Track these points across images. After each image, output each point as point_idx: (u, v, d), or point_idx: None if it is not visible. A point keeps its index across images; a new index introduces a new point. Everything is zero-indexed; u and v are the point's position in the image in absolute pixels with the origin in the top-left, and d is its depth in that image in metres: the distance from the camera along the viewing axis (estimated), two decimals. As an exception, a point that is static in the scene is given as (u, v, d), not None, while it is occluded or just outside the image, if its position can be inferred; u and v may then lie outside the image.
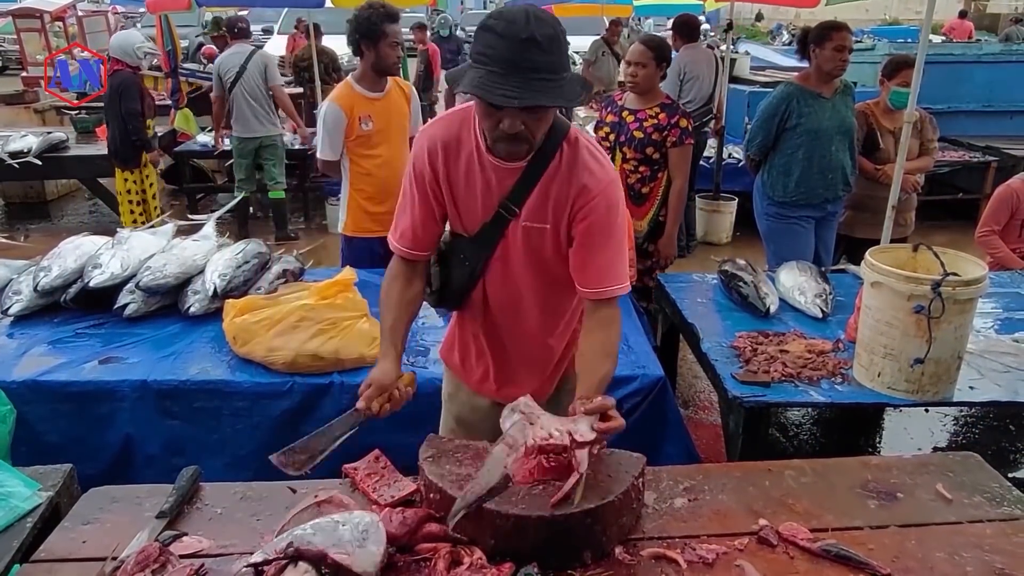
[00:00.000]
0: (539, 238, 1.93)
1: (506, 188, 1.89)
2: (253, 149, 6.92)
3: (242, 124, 6.81)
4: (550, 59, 1.64)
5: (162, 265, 3.20)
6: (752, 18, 26.40)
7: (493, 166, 1.88)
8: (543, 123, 1.77)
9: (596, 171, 1.88)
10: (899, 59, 4.36)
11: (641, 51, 3.96)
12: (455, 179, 1.93)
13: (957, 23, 19.10)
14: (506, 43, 1.61)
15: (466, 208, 1.96)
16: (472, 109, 1.89)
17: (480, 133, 1.86)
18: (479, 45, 1.66)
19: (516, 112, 1.68)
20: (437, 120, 1.99)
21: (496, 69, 1.62)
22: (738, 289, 3.34)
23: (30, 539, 1.67)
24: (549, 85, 1.64)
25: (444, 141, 1.92)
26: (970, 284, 2.39)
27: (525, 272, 1.99)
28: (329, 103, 3.75)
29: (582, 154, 1.88)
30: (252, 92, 6.71)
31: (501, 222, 1.92)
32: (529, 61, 1.61)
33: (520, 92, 1.61)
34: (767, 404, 2.63)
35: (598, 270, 1.89)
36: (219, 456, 2.74)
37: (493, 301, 2.08)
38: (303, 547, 1.45)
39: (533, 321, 2.09)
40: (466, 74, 1.68)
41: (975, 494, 1.85)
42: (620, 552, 1.61)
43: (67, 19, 13.58)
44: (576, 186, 1.86)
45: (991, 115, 8.56)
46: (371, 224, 3.85)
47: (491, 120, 1.73)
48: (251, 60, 6.74)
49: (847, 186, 4.21)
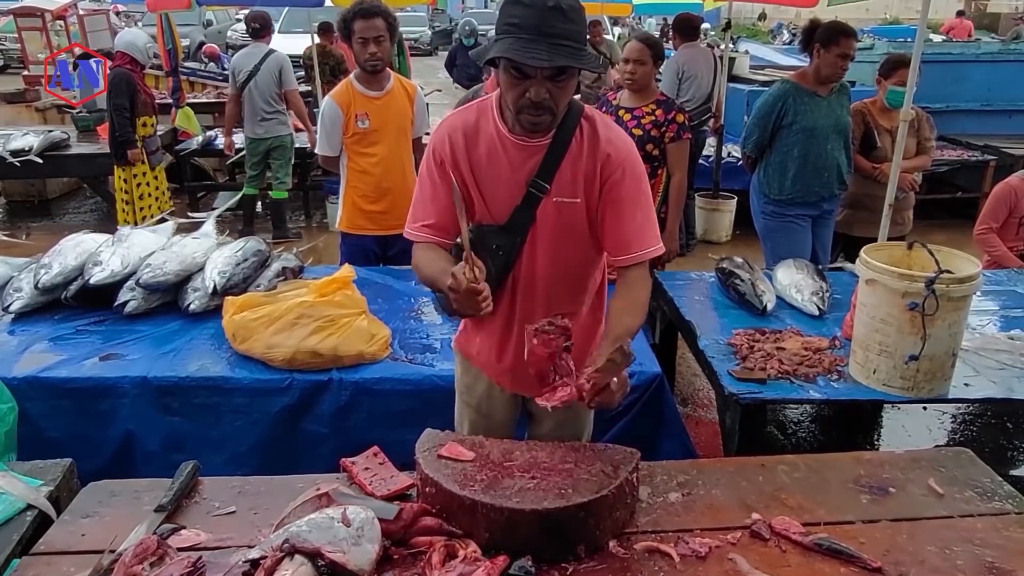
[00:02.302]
0: (571, 213, 1.97)
1: (532, 166, 1.92)
2: (264, 150, 6.88)
3: (253, 124, 6.77)
4: (574, 28, 1.74)
5: (162, 262, 3.21)
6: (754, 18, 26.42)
7: (516, 145, 1.91)
8: (566, 93, 1.83)
9: (616, 141, 1.95)
10: (896, 58, 4.38)
11: (640, 48, 3.97)
12: (477, 164, 1.96)
13: (956, 22, 19.12)
14: (533, 11, 1.71)
15: (492, 194, 1.98)
16: (488, 101, 1.96)
17: (498, 115, 1.92)
18: (505, 17, 1.76)
19: (542, 80, 1.76)
20: (453, 112, 2.04)
21: (524, 36, 1.71)
22: (735, 287, 3.36)
23: (30, 532, 1.68)
24: (573, 51, 1.73)
25: (463, 128, 1.96)
26: (964, 281, 2.40)
27: (555, 254, 2.01)
28: (328, 100, 3.79)
29: (600, 127, 1.96)
30: (264, 93, 6.67)
31: (532, 202, 1.95)
32: (555, 27, 1.71)
33: (550, 55, 1.70)
34: (763, 401, 2.64)
35: (629, 235, 1.94)
36: (219, 452, 2.76)
37: (521, 288, 2.08)
38: (299, 544, 1.46)
39: (560, 306, 2.09)
40: (493, 45, 1.77)
41: (966, 489, 1.86)
42: (614, 545, 1.63)
43: (68, 18, 13.58)
44: (601, 157, 1.93)
45: (990, 114, 8.56)
46: (365, 222, 3.88)
47: (517, 89, 1.79)
48: (266, 61, 6.68)
49: (843, 185, 4.23)
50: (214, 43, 14.69)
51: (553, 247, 2.00)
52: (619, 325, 1.90)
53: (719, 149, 7.20)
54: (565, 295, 2.09)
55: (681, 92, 6.36)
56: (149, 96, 6.27)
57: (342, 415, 2.80)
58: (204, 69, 11.43)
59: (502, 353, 2.18)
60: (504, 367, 2.20)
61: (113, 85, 6.05)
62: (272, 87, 6.70)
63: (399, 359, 2.92)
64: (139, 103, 6.10)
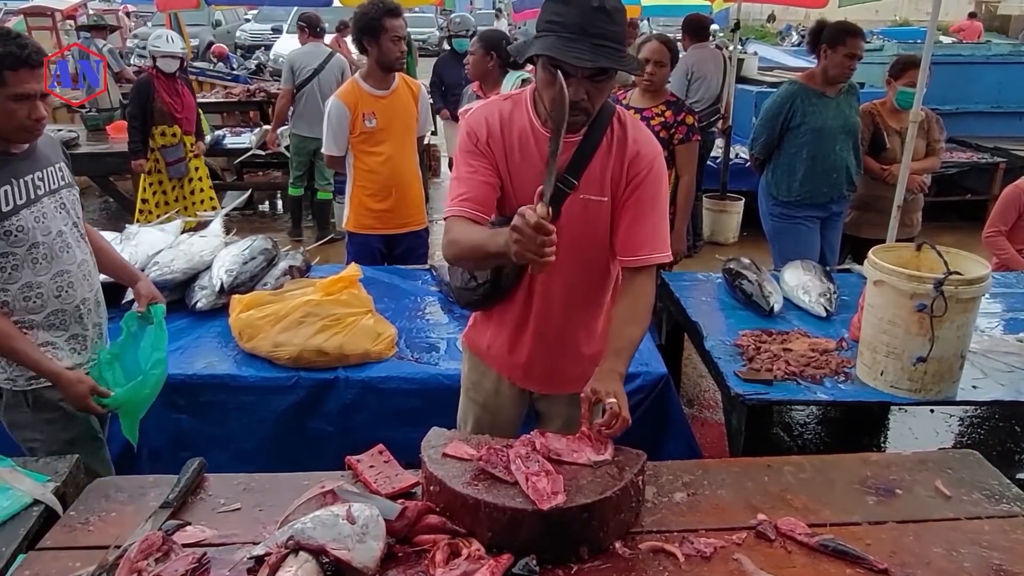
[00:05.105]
0: (596, 211, 1.97)
1: (562, 163, 1.91)
2: (312, 149, 6.72)
3: (307, 123, 6.62)
4: (616, 29, 1.74)
5: (169, 261, 3.23)
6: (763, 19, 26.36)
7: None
8: (602, 94, 1.83)
9: (647, 141, 1.97)
10: (906, 59, 4.36)
11: (660, 49, 3.96)
12: (510, 153, 1.96)
13: (966, 24, 19.02)
14: (577, 10, 1.71)
15: (520, 185, 1.97)
16: (523, 94, 1.96)
17: (532, 109, 1.92)
18: (547, 14, 1.75)
19: (581, 80, 1.76)
20: (484, 103, 2.04)
21: (566, 34, 1.71)
22: (742, 288, 3.35)
23: (36, 527, 1.69)
24: (614, 53, 1.73)
25: (499, 116, 1.96)
26: (972, 283, 2.39)
27: (577, 251, 1.99)
28: (334, 99, 3.79)
29: (630, 128, 1.97)
30: (325, 94, 6.45)
31: (559, 196, 1.94)
32: (598, 28, 1.71)
33: (592, 56, 1.70)
34: (770, 402, 2.63)
35: (640, 237, 1.93)
36: (225, 450, 2.76)
37: (540, 285, 2.07)
38: (303, 541, 1.46)
39: (577, 308, 2.11)
40: (533, 42, 1.77)
41: (974, 491, 1.85)
42: (619, 546, 1.62)
43: (78, 18, 13.65)
44: (630, 155, 1.93)
45: (1000, 116, 8.52)
46: (372, 221, 3.88)
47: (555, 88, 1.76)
48: (329, 62, 6.64)
49: (851, 186, 4.21)
50: (223, 43, 14.75)
51: (576, 244, 1.98)
52: (622, 336, 1.89)
53: (727, 150, 7.18)
54: (583, 294, 2.10)
55: (690, 93, 6.35)
56: (167, 104, 5.99)
57: (348, 413, 2.81)
58: (213, 69, 11.45)
59: (515, 347, 2.18)
60: (517, 361, 2.20)
61: (130, 93, 6.01)
62: (334, 88, 6.64)
63: (405, 358, 2.92)
64: (154, 112, 5.94)
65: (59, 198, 2.26)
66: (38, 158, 2.22)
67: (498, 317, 2.19)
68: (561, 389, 2.21)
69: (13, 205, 2.10)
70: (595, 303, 2.13)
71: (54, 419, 2.28)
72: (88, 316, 2.34)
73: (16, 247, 2.13)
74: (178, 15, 7.78)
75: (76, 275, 2.28)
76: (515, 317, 2.14)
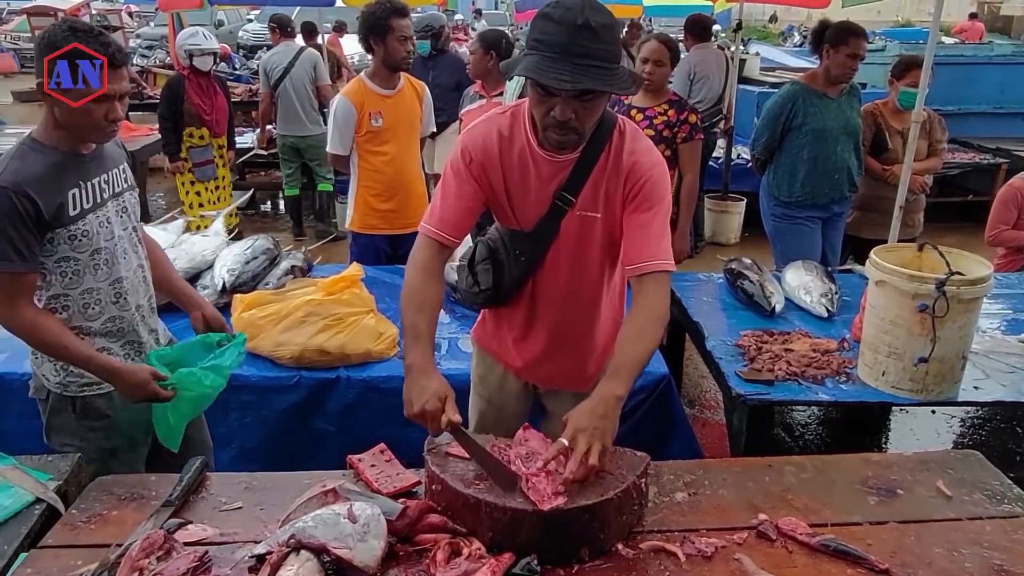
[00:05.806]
0: (591, 226, 1.97)
1: (559, 180, 1.92)
2: (299, 148, 6.81)
3: (287, 122, 6.73)
4: (603, 47, 1.68)
5: (172, 260, 3.22)
6: (765, 19, 26.36)
7: (545, 160, 1.91)
8: (593, 114, 1.80)
9: (646, 151, 1.94)
10: (908, 59, 4.36)
11: (660, 48, 3.96)
12: (509, 171, 1.96)
13: (968, 24, 19.02)
14: (562, 29, 1.67)
15: (520, 202, 1.99)
16: (522, 106, 1.94)
17: (530, 127, 1.91)
18: (534, 31, 1.72)
19: (568, 100, 1.73)
20: (489, 115, 2.02)
21: (550, 54, 1.67)
22: (743, 288, 3.35)
23: (38, 526, 1.69)
24: (601, 72, 1.68)
25: (498, 133, 1.95)
26: (974, 283, 2.39)
27: (575, 265, 2.03)
28: (340, 97, 3.78)
29: (628, 140, 1.94)
30: (299, 90, 6.65)
31: (557, 214, 1.95)
32: (583, 47, 1.66)
33: (573, 76, 1.66)
34: (771, 402, 2.63)
35: (643, 245, 1.91)
36: (227, 449, 2.77)
37: (540, 294, 2.10)
38: (305, 540, 1.46)
39: (577, 312, 2.13)
40: (521, 60, 1.74)
41: (975, 491, 1.85)
42: (620, 545, 1.62)
43: (81, 17, 13.68)
44: (627, 167, 1.91)
45: (1002, 117, 8.52)
46: (377, 221, 3.88)
47: (543, 107, 1.76)
48: (299, 58, 6.69)
49: (853, 187, 4.21)
50: (225, 43, 14.74)
51: (573, 258, 2.02)
52: (623, 354, 1.81)
53: (728, 150, 7.19)
54: (582, 303, 2.12)
55: (693, 93, 6.35)
56: (196, 106, 5.97)
57: (349, 412, 2.81)
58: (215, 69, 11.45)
59: (521, 345, 2.21)
60: (523, 358, 2.23)
61: (161, 92, 6.02)
62: (307, 83, 6.69)
63: (406, 358, 2.92)
64: (184, 113, 5.93)
65: (121, 201, 2.19)
66: (104, 159, 2.14)
67: (505, 317, 2.23)
68: (566, 386, 2.24)
69: (80, 209, 2.02)
70: (594, 304, 2.14)
71: (98, 427, 2.20)
72: (142, 323, 2.27)
73: (80, 252, 2.04)
74: (181, 15, 7.77)
75: (132, 281, 2.21)
76: (520, 319, 2.18)
